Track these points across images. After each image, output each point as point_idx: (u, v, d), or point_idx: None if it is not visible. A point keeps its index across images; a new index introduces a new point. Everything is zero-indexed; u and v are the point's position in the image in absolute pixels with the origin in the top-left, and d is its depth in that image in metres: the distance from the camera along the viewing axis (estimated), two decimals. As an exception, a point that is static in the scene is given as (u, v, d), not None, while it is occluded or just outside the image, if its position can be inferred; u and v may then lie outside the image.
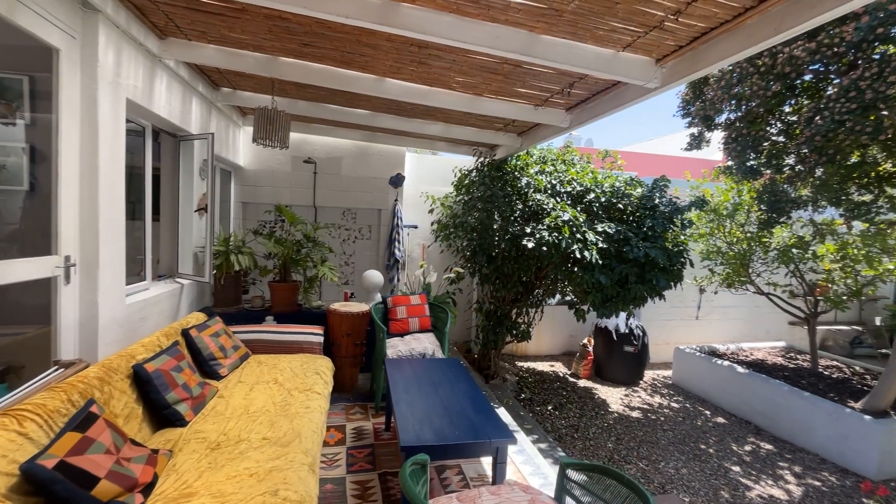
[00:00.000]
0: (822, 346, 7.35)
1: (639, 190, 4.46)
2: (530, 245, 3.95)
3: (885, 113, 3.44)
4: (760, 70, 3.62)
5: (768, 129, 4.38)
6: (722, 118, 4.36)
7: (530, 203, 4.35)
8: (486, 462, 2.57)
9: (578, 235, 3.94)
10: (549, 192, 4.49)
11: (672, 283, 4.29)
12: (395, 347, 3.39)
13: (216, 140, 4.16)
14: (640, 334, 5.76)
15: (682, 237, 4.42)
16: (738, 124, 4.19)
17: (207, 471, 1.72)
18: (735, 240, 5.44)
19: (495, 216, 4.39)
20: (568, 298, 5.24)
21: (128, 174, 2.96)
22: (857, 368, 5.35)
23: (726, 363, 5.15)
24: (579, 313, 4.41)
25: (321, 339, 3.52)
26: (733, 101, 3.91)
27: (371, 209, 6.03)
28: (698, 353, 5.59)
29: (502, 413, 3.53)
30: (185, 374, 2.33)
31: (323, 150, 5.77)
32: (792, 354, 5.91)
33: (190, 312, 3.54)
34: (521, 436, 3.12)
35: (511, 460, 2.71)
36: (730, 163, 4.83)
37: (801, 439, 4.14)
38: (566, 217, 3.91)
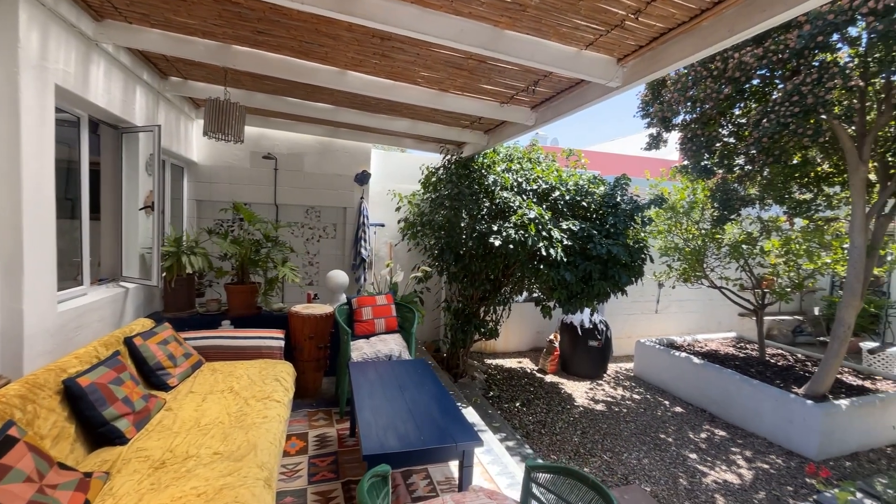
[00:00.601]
0: (768, 336, 7.84)
1: (601, 188, 4.57)
2: (497, 243, 3.94)
3: (823, 117, 3.67)
4: (713, 74, 3.78)
5: (720, 130, 4.59)
6: (678, 119, 4.52)
7: (497, 201, 4.35)
8: (454, 464, 2.53)
9: (544, 233, 3.97)
10: (516, 189, 4.51)
11: (633, 279, 4.42)
12: (360, 350, 3.28)
13: (165, 133, 3.89)
14: (604, 329, 5.92)
15: (643, 234, 4.56)
16: (692, 126, 4.36)
17: (149, 492, 1.58)
18: (691, 236, 5.68)
19: (462, 214, 4.36)
20: (535, 295, 5.30)
21: (62, 169, 2.70)
22: (800, 356, 5.73)
23: (683, 355, 5.38)
24: (545, 310, 4.46)
25: (282, 343, 3.37)
26: (689, 104, 4.06)
27: (336, 207, 5.85)
28: (658, 346, 5.81)
29: (470, 413, 3.51)
30: (127, 386, 2.14)
31: (284, 145, 5.54)
32: (742, 344, 6.26)
33: (135, 319, 3.28)
34: (488, 435, 3.11)
35: (478, 460, 2.69)
36: (686, 162, 5.04)
37: (752, 425, 4.38)
38: (532, 215, 3.93)
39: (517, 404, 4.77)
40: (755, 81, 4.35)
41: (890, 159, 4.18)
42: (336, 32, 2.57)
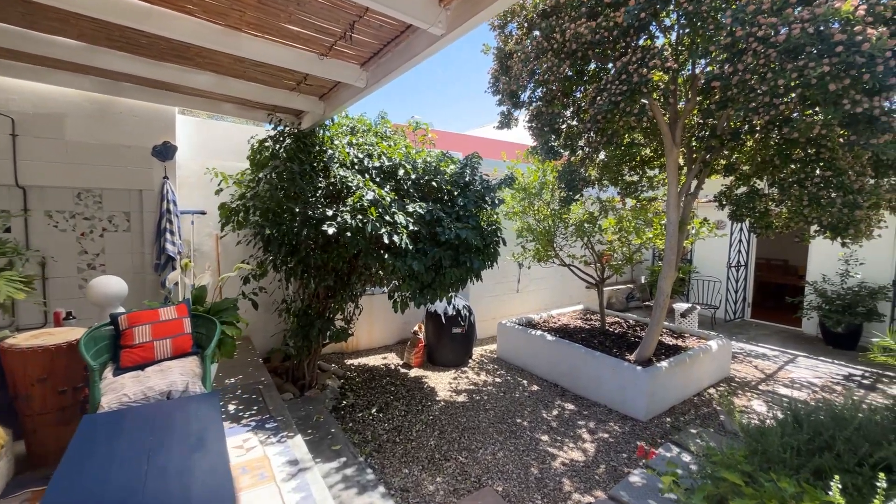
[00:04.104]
0: (608, 304, 8.83)
1: (452, 167, 4.21)
2: (331, 231, 3.27)
3: (645, 102, 3.86)
4: (554, 47, 3.65)
5: (564, 111, 4.62)
6: (525, 96, 4.40)
7: (333, 180, 3.65)
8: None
9: (387, 217, 3.43)
10: (357, 167, 3.86)
11: (488, 264, 4.21)
12: (120, 390, 2.31)
13: None
14: (467, 314, 5.76)
15: (496, 216, 4.38)
16: (538, 103, 4.27)
17: None
18: (542, 217, 5.82)
19: (308, 196, 3.55)
20: (391, 286, 4.80)
21: None
22: (631, 321, 6.43)
23: (538, 333, 5.52)
24: (396, 304, 3.97)
25: (-23, 397, 2.19)
26: (534, 76, 3.91)
27: (126, 190, 4.42)
28: (517, 326, 5.90)
29: (293, 445, 2.83)
30: None
31: (27, 101, 3.92)
32: (587, 316, 6.80)
33: None
34: (311, 474, 2.48)
35: (287, 520, 2.06)
36: (534, 143, 5.03)
37: (595, 394, 4.64)
38: (371, 196, 3.34)
39: (373, 411, 4.24)
40: (592, 66, 4.46)
41: (694, 145, 4.71)
42: None
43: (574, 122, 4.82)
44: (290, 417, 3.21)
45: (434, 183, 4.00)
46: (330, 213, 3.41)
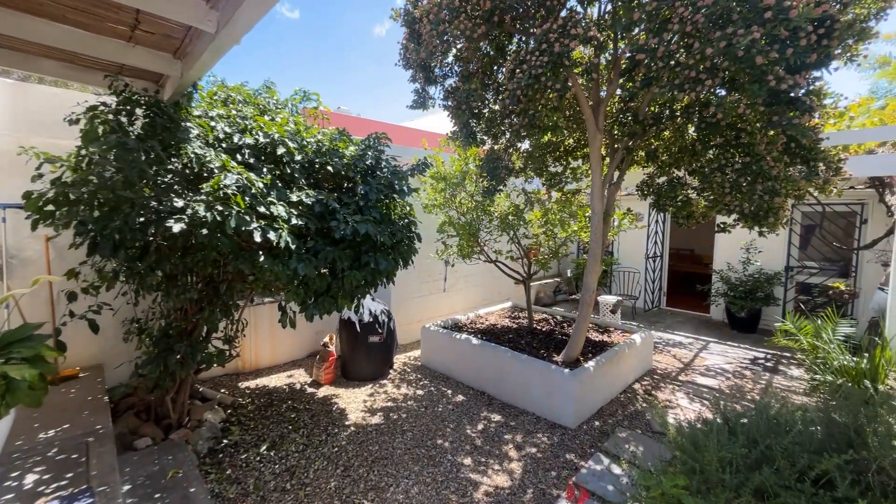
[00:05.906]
0: (536, 300, 8.70)
1: (352, 148, 3.52)
2: (177, 228, 2.44)
3: (568, 79, 3.50)
4: (467, 10, 3.12)
5: (484, 91, 4.15)
6: (440, 70, 3.85)
7: (187, 160, 2.79)
8: None
9: (261, 209, 2.67)
10: (225, 144, 3.03)
11: (400, 263, 3.60)
12: None
13: None
14: (386, 320, 5.12)
15: (409, 208, 3.78)
16: (453, 79, 3.75)
17: None
18: (466, 210, 5.36)
19: (159, 183, 2.64)
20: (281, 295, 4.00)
21: None
22: (559, 317, 6.24)
23: (464, 336, 5.05)
24: (284, 317, 3.21)
25: None
26: (446, 41, 3.36)
27: None
28: (441, 330, 5.38)
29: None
30: None
31: None
32: (516, 313, 6.51)
33: None
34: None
35: None
36: (454, 128, 4.51)
37: (522, 401, 4.27)
38: (232, 181, 2.55)
39: (262, 449, 3.44)
40: (513, 46, 4.03)
41: (616, 133, 4.51)
42: None
43: (496, 107, 4.39)
44: (120, 485, 2.33)
45: (330, 167, 3.28)
46: (180, 204, 2.56)
